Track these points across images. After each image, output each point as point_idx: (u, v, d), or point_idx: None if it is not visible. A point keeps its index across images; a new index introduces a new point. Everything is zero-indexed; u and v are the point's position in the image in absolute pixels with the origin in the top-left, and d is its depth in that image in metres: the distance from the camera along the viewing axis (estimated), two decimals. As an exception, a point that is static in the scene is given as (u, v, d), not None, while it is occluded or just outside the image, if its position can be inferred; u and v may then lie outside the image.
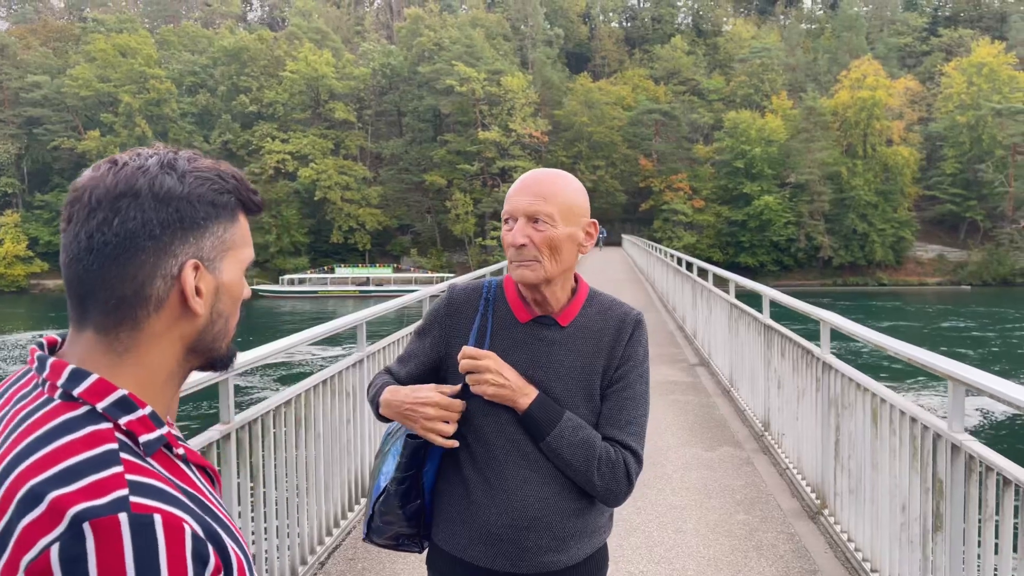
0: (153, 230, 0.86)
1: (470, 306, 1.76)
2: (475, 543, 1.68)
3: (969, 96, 61.09)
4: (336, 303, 51.76)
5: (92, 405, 0.83)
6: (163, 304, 0.88)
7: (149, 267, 0.86)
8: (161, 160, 0.89)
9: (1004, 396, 2.63)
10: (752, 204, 59.40)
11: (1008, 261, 57.32)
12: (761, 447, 6.22)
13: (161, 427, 0.86)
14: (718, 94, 70.66)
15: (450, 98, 64.14)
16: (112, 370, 0.86)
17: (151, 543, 0.73)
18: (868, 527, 3.93)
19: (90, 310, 0.87)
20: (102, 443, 0.79)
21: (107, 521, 0.72)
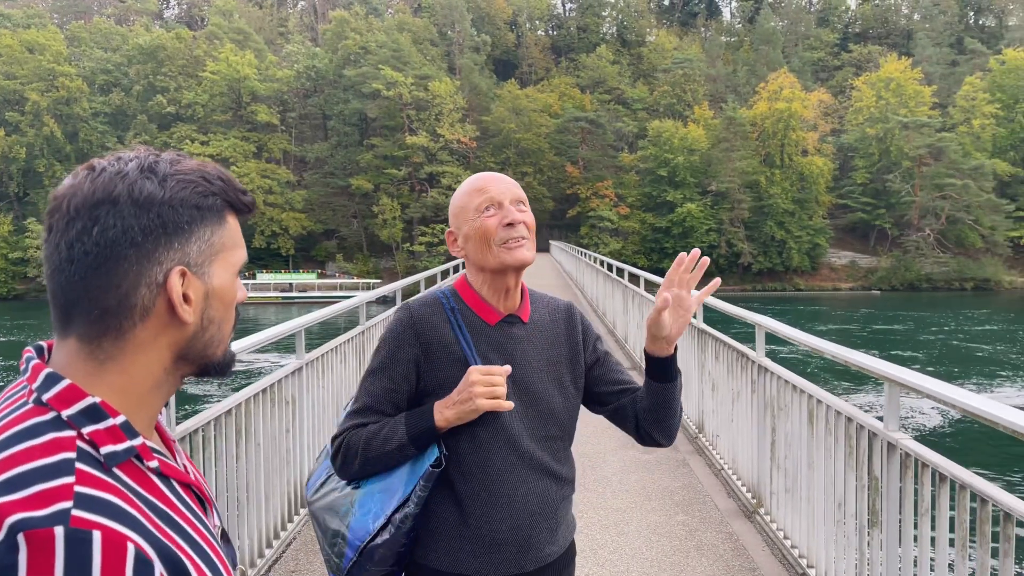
0: (135, 237, 0.83)
1: (437, 318, 1.74)
2: (477, 554, 1.68)
3: (878, 109, 64.02)
4: (258, 310, 50.54)
5: (58, 412, 0.80)
6: (149, 313, 0.85)
7: (133, 276, 0.83)
8: (141, 164, 0.85)
9: (939, 395, 2.76)
10: (675, 211, 60.79)
11: (914, 267, 60.20)
12: (696, 448, 6.35)
13: (134, 438, 0.83)
14: (642, 103, 72.15)
15: (377, 102, 63.59)
16: (91, 378, 0.84)
17: (85, 560, 0.70)
18: (804, 525, 4.05)
19: (74, 320, 0.84)
20: (59, 451, 0.76)
21: (43, 533, 0.69)
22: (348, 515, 1.72)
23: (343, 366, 5.61)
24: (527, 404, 1.73)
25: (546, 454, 1.74)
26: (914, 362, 25.48)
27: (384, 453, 1.67)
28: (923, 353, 28.36)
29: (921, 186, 61.26)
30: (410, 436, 1.66)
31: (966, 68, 70.44)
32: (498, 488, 1.68)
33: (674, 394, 1.78)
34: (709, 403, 6.20)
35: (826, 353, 3.75)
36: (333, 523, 1.74)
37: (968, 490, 2.57)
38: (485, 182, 1.75)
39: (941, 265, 60.02)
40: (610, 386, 1.85)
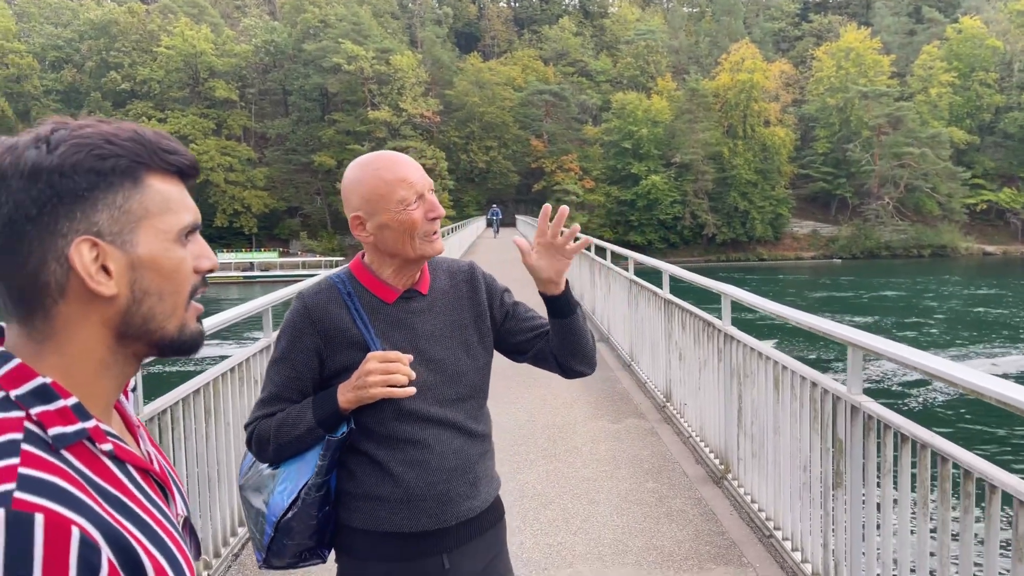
0: (28, 211, 0.78)
1: (333, 304, 1.77)
2: (397, 511, 1.73)
3: (838, 79, 64.64)
4: (219, 289, 49.81)
5: (7, 392, 0.78)
6: (64, 289, 0.81)
7: (38, 252, 0.79)
8: (37, 134, 0.81)
9: (900, 358, 2.82)
10: (640, 184, 60.99)
11: (874, 235, 61.28)
12: (664, 417, 6.44)
13: (86, 420, 0.80)
14: (605, 75, 72.01)
15: (337, 76, 62.58)
16: (34, 358, 0.81)
17: (26, 543, 0.68)
18: (771, 488, 4.14)
19: (5, 301, 0.82)
20: (5, 432, 0.75)
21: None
22: (268, 493, 1.78)
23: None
24: (434, 371, 1.78)
25: (459, 414, 1.80)
26: (876, 328, 26.02)
27: (295, 438, 1.73)
28: (884, 319, 28.97)
29: (880, 155, 62.18)
30: (317, 420, 1.72)
31: (924, 37, 71.36)
32: (412, 449, 1.74)
33: (577, 324, 1.86)
34: (676, 372, 6.27)
35: (791, 320, 3.81)
36: (256, 502, 1.80)
37: (929, 449, 2.64)
38: (405, 171, 1.73)
39: (900, 233, 61.16)
40: (524, 334, 1.92)
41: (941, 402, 16.00)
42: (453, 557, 1.78)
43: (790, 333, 20.88)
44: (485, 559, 1.84)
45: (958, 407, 15.51)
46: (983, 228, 64.33)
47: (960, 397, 16.01)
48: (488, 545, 1.85)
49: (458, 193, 63.05)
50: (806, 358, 4.01)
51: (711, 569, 3.82)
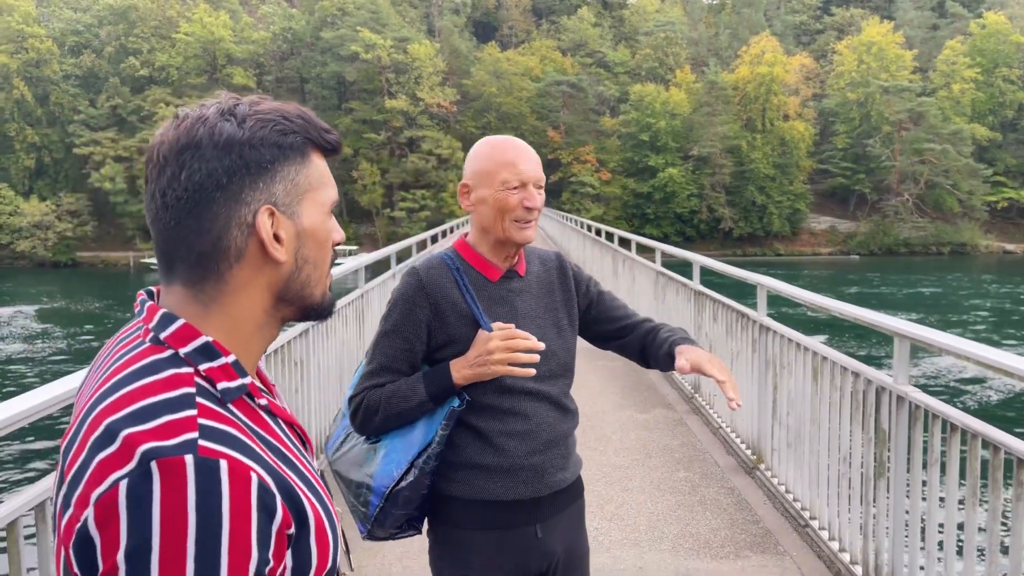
0: (220, 179, 0.84)
1: (444, 279, 1.86)
2: (496, 480, 1.81)
3: (859, 74, 64.04)
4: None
5: (176, 350, 0.83)
6: (243, 254, 0.87)
7: (223, 218, 0.85)
8: (221, 108, 0.88)
9: (950, 348, 2.83)
10: (657, 176, 60.72)
11: (893, 232, 60.77)
12: (692, 408, 6.46)
13: (244, 376, 0.86)
14: (624, 67, 71.61)
15: (355, 65, 62.61)
16: (199, 319, 0.87)
17: (215, 487, 0.72)
18: (806, 479, 4.15)
19: (175, 266, 0.87)
20: (180, 386, 0.80)
21: (174, 461, 0.72)
22: (371, 465, 1.84)
23: (344, 328, 5.63)
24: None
25: (553, 389, 1.89)
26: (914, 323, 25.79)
27: (405, 410, 1.79)
28: (916, 315, 28.76)
29: (901, 151, 61.60)
30: (429, 394, 1.78)
31: (947, 32, 70.53)
32: (512, 421, 1.82)
33: None
34: (706, 363, 6.27)
35: (833, 311, 3.82)
36: (356, 475, 1.86)
37: (980, 439, 2.65)
38: (517, 156, 1.83)
39: (919, 230, 60.61)
40: (610, 324, 2.03)
41: (991, 398, 15.89)
42: (545, 527, 1.86)
43: (826, 327, 20.78)
44: (570, 531, 1.92)
45: (1010, 402, 15.44)
46: (1004, 226, 63.65)
47: (1012, 392, 16.06)
48: (572, 518, 1.94)
49: (474, 183, 62.83)
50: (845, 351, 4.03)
51: (748, 557, 3.85)
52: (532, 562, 1.85)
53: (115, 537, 0.71)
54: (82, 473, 0.74)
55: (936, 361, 18.45)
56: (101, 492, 0.72)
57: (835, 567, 3.67)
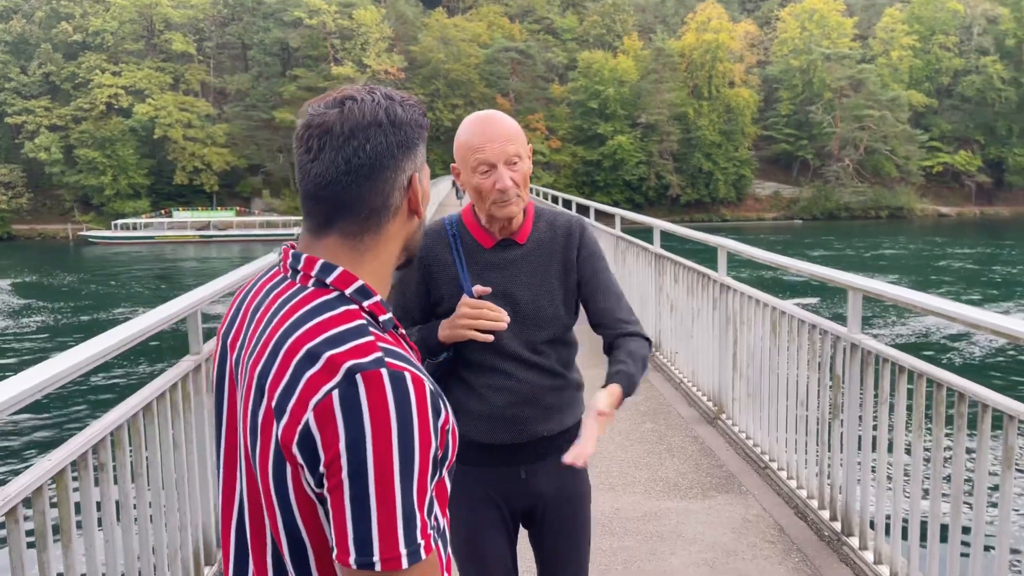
0: (393, 151, 1.05)
1: (437, 243, 2.03)
2: (479, 424, 2.01)
3: (802, 41, 65.13)
4: (176, 249, 49.10)
5: (341, 291, 1.03)
6: (398, 212, 1.08)
7: (392, 181, 1.06)
8: (383, 94, 1.07)
9: (899, 299, 3.14)
10: (606, 144, 61.15)
11: (834, 197, 62.42)
12: (654, 365, 6.77)
13: (389, 311, 1.06)
14: (572, 33, 71.47)
15: (299, 31, 61.31)
16: (355, 265, 1.06)
17: (406, 393, 0.92)
18: (766, 425, 4.48)
19: (338, 221, 1.05)
20: (354, 319, 0.99)
21: (373, 373, 0.92)
22: None
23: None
24: (520, 314, 2.00)
25: (534, 355, 2.02)
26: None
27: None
28: (869, 274, 29.76)
29: (841, 117, 63.08)
30: (420, 349, 1.98)
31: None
32: (495, 377, 2.00)
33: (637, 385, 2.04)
34: (667, 323, 6.59)
35: (791, 268, 4.12)
36: None
37: (925, 377, 2.97)
38: (480, 140, 1.89)
39: (859, 194, 62.37)
40: (593, 316, 2.10)
41: (937, 345, 17.11)
42: (529, 470, 2.05)
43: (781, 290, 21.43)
44: (560, 475, 2.06)
45: (954, 347, 16.65)
46: (939, 190, 65.90)
47: (954, 337, 17.25)
48: (560, 467, 2.02)
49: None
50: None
51: (714, 496, 4.16)
52: (517, 500, 2.06)
53: (334, 433, 0.91)
54: (292, 387, 0.95)
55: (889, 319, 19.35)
56: (318, 400, 0.92)
57: (793, 502, 4.01)
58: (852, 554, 3.46)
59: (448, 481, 1.06)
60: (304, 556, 0.99)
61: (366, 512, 0.90)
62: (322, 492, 0.93)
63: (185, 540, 2.98)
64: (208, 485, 3.23)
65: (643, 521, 3.88)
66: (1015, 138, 65.13)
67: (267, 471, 0.98)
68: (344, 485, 0.90)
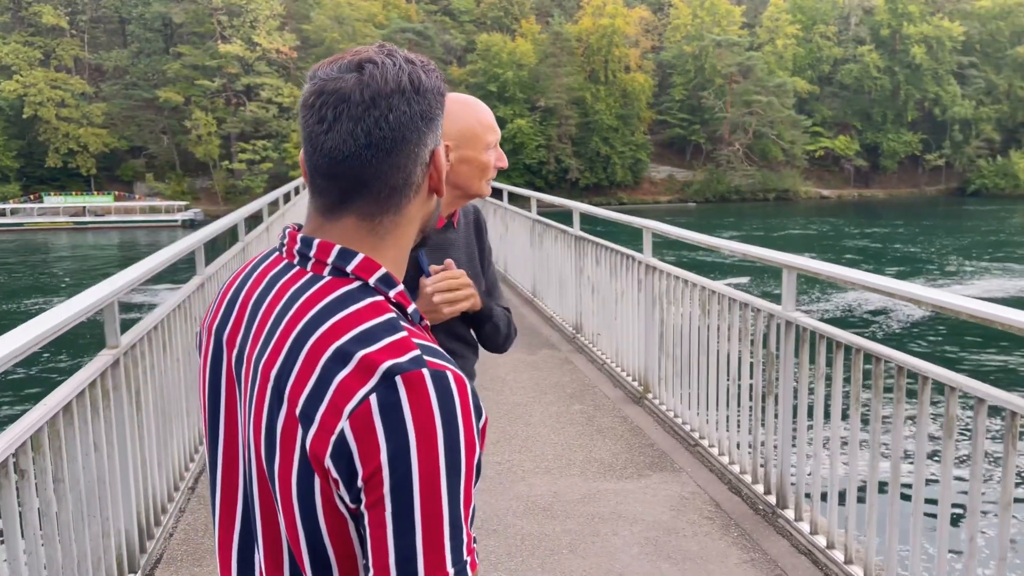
0: (416, 122, 0.93)
1: None
2: None
3: (694, 27, 66.91)
4: (47, 236, 46.09)
5: (364, 280, 0.92)
6: (419, 190, 0.96)
7: (413, 156, 0.93)
8: (405, 57, 0.94)
9: (833, 275, 3.21)
10: (506, 127, 61.13)
11: (725, 180, 64.67)
12: (575, 347, 6.80)
13: (414, 302, 0.95)
14: (469, 15, 71.00)
15: (182, 6, 58.39)
16: (374, 251, 0.94)
17: (449, 394, 0.83)
18: (695, 404, 4.55)
19: (355, 200, 0.93)
20: (383, 312, 0.89)
21: (414, 375, 0.82)
22: None
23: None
24: None
25: (470, 332, 2.08)
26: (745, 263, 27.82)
27: None
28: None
29: (732, 103, 65.32)
30: None
31: (771, -10, 74.81)
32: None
33: (497, 325, 2.05)
34: (588, 305, 6.62)
35: (723, 248, 4.17)
36: None
37: (862, 352, 3.05)
38: (491, 120, 1.96)
39: (748, 177, 64.83)
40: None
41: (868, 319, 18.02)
42: None
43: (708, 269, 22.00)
44: None
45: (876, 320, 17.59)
46: (820, 173, 69.29)
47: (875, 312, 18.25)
48: None
49: (319, 134, 60.88)
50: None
51: (649, 475, 4.20)
52: None
53: (374, 443, 0.81)
54: (321, 391, 0.84)
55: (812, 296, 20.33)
56: (354, 406, 0.82)
57: (727, 478, 4.09)
58: (788, 526, 3.55)
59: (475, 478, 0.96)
60: (328, 574, 0.89)
61: (410, 529, 0.81)
62: (358, 508, 0.83)
63: (108, 547, 2.77)
64: (131, 489, 3.01)
65: (583, 503, 3.87)
66: (889, 124, 69.14)
67: (289, 483, 0.87)
68: (386, 500, 0.81)
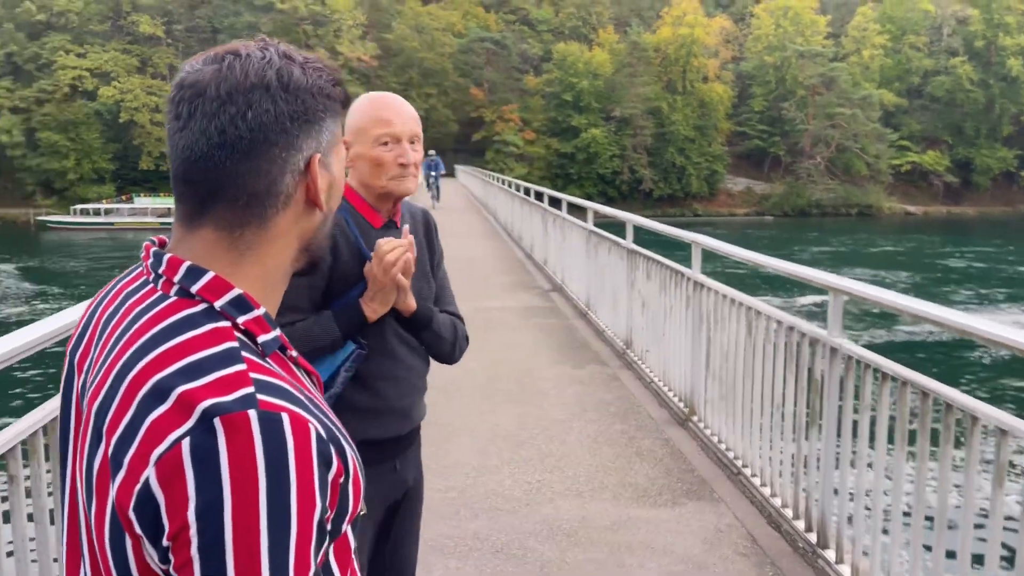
0: (284, 123, 0.83)
1: (337, 216, 1.85)
2: (370, 420, 1.90)
3: (776, 37, 65.40)
4: (136, 235, 48.17)
5: (210, 303, 0.81)
6: (290, 201, 0.86)
7: (280, 162, 0.84)
8: (278, 51, 0.86)
9: (882, 301, 2.97)
10: (580, 137, 60.96)
11: (805, 194, 62.84)
12: (624, 363, 6.60)
13: (275, 328, 0.84)
14: (547, 25, 71.13)
15: (270, 16, 60.26)
16: (233, 268, 0.84)
17: (280, 441, 0.72)
18: (739, 428, 4.32)
19: (213, 209, 0.84)
20: (223, 341, 0.78)
21: (238, 417, 0.71)
22: None
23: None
24: None
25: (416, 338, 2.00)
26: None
27: (317, 350, 1.83)
28: (847, 272, 29.73)
29: (813, 115, 63.49)
30: (343, 333, 1.84)
31: (858, -1, 72.58)
32: (388, 365, 1.93)
33: (439, 334, 1.99)
34: (638, 320, 6.42)
35: (769, 267, 3.95)
36: None
37: (908, 386, 2.81)
38: (390, 113, 1.89)
39: (829, 192, 62.82)
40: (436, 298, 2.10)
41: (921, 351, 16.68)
42: (401, 460, 1.99)
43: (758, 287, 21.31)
44: (416, 460, 2.07)
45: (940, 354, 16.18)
46: (906, 188, 66.63)
47: (940, 342, 16.82)
48: (418, 448, 2.08)
49: (396, 141, 61.98)
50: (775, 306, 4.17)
51: (685, 504, 3.99)
52: (392, 494, 1.98)
53: (182, 495, 0.69)
54: (133, 432, 0.73)
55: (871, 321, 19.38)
56: (162, 451, 0.70)
57: (767, 511, 3.85)
58: (828, 568, 3.31)
59: (353, 534, 0.84)
60: None
61: None
62: (168, 570, 0.71)
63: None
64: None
65: (611, 531, 3.70)
66: (982, 139, 66.02)
67: (103, 537, 0.75)
68: (195, 564, 0.69)
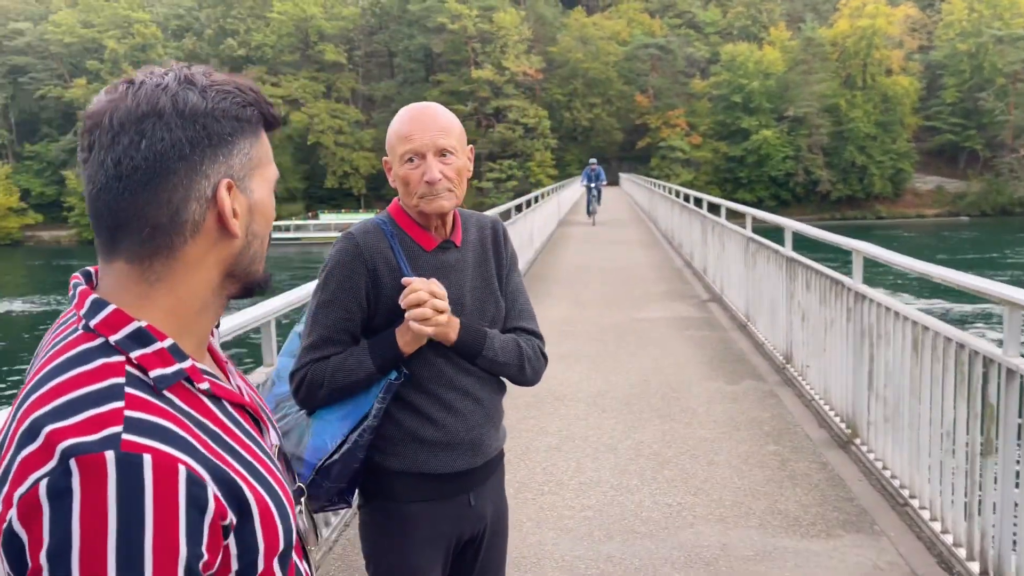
0: (183, 150, 0.81)
1: (382, 243, 1.80)
2: (437, 453, 1.79)
3: (970, 23, 59.94)
4: (321, 249, 51.59)
5: (106, 337, 0.80)
6: (199, 229, 0.84)
7: (182, 190, 0.82)
8: (178, 76, 0.84)
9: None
10: (750, 139, 58.76)
11: (1007, 191, 57.02)
12: (783, 379, 6.22)
13: (182, 360, 0.82)
14: (715, 27, 69.29)
15: (442, 36, 62.83)
16: (142, 300, 0.83)
17: (137, 484, 0.70)
18: (906, 455, 3.92)
19: (121, 241, 0.83)
20: (109, 376, 0.77)
21: (94, 458, 0.70)
22: (304, 436, 1.80)
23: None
24: (464, 319, 1.82)
25: (475, 379, 1.86)
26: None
27: (351, 383, 1.76)
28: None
29: (1016, 104, 57.51)
30: (377, 366, 1.75)
31: (1071, -27, 65.04)
32: (452, 396, 1.80)
33: (493, 361, 1.84)
34: (798, 334, 6.03)
35: (935, 277, 3.57)
36: (287, 447, 1.80)
37: (1102, 417, 2.42)
38: (411, 128, 1.76)
39: (1037, 188, 56.68)
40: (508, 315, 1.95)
41: None
42: (477, 494, 1.87)
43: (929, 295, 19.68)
44: (496, 493, 1.94)
45: None
46: None
47: None
48: (498, 479, 1.96)
49: (561, 152, 62.61)
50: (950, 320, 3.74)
51: (840, 536, 3.67)
52: (466, 529, 1.86)
53: (39, 536, 0.69)
54: (8, 471, 0.73)
55: None
56: (23, 492, 0.70)
57: (936, 549, 3.46)
58: (1007, 619, 2.92)
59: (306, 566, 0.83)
60: None
61: None
62: None
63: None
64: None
65: (754, 561, 3.46)
66: None
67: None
68: None
